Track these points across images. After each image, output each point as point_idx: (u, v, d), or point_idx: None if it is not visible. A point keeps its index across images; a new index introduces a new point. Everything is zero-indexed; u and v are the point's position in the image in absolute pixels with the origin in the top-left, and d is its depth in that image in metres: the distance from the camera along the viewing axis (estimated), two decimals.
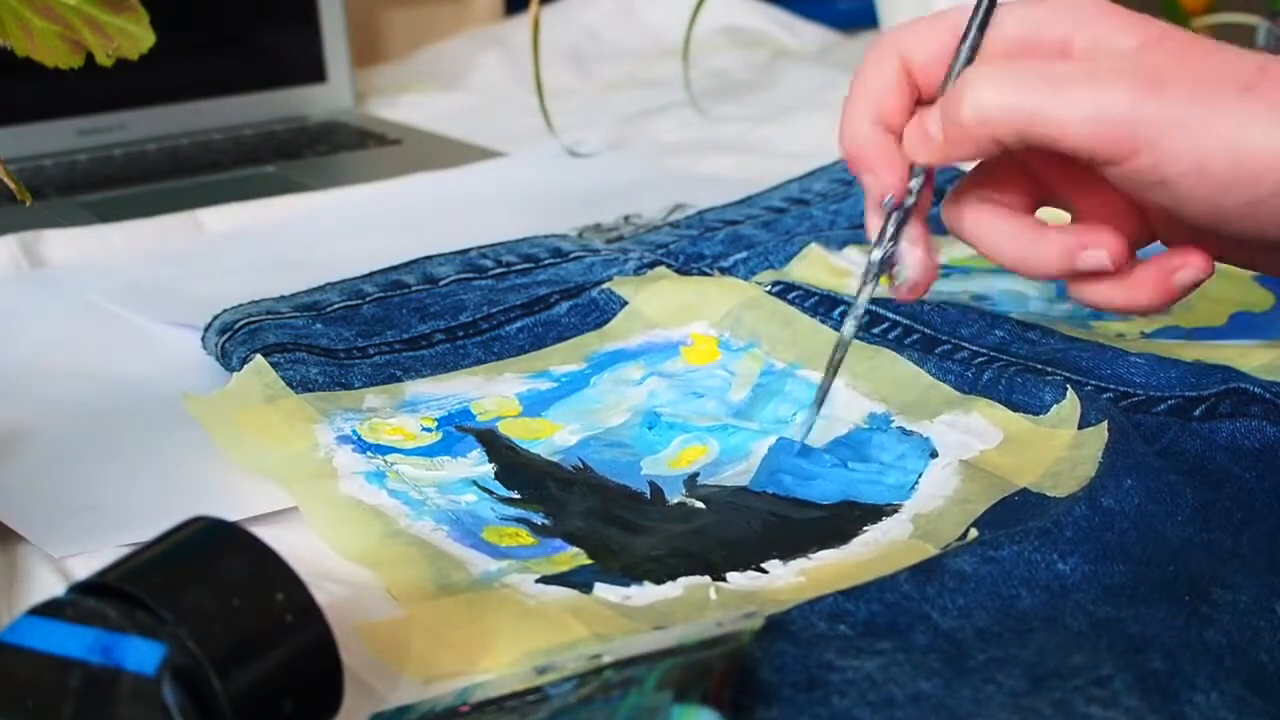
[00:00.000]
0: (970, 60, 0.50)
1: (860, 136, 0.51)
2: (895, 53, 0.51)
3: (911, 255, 0.52)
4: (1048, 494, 0.49)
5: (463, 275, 0.66)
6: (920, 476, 0.52)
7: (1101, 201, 0.50)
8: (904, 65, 0.51)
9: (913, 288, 0.52)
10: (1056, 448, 0.51)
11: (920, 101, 0.51)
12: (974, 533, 0.47)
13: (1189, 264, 0.49)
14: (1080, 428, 0.52)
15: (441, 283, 0.66)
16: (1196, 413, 0.53)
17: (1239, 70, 0.45)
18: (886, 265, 0.52)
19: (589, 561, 0.47)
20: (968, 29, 0.50)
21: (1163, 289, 0.49)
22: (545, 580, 0.46)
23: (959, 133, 0.48)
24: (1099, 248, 0.48)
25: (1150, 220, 0.51)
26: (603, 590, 0.45)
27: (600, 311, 0.64)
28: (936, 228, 0.74)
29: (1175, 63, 0.45)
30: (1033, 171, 0.52)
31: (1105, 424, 0.51)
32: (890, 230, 0.51)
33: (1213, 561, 0.44)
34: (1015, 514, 0.48)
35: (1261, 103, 0.44)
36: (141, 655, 0.33)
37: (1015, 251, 0.50)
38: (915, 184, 0.51)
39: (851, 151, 0.51)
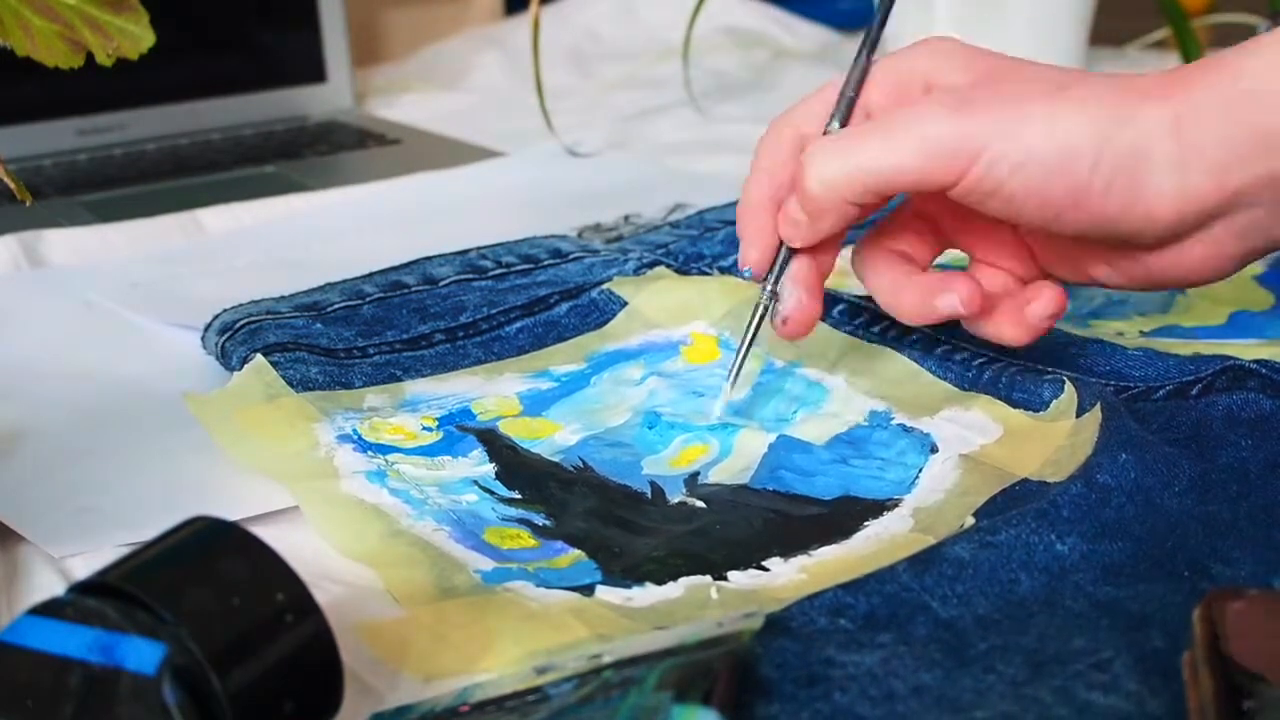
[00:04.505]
0: (845, 123, 0.52)
1: (747, 209, 0.54)
2: (788, 126, 0.54)
3: (792, 294, 0.53)
4: (1048, 481, 0.49)
5: (462, 276, 0.66)
6: (920, 471, 0.52)
7: (992, 242, 0.54)
8: (796, 138, 0.53)
9: (785, 321, 0.53)
10: (1056, 438, 0.51)
11: None
12: (970, 520, 0.47)
13: (1040, 297, 0.52)
14: (1077, 416, 0.52)
15: (441, 283, 0.66)
16: (1193, 392, 0.53)
17: (1052, 79, 0.49)
18: (772, 298, 0.53)
19: (590, 564, 0.47)
20: (840, 96, 0.53)
21: (1019, 322, 0.52)
22: (547, 583, 0.46)
23: (815, 207, 0.51)
24: (951, 293, 0.51)
25: (1036, 257, 0.54)
26: (604, 592, 0.45)
27: (600, 312, 0.64)
28: None
29: (989, 87, 0.49)
30: (930, 219, 0.55)
31: (1099, 406, 0.51)
32: (779, 264, 0.53)
33: (1210, 536, 0.44)
34: (1015, 503, 0.48)
35: (1069, 97, 0.47)
36: (141, 655, 0.33)
37: (888, 296, 0.53)
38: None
39: (738, 220, 0.54)
